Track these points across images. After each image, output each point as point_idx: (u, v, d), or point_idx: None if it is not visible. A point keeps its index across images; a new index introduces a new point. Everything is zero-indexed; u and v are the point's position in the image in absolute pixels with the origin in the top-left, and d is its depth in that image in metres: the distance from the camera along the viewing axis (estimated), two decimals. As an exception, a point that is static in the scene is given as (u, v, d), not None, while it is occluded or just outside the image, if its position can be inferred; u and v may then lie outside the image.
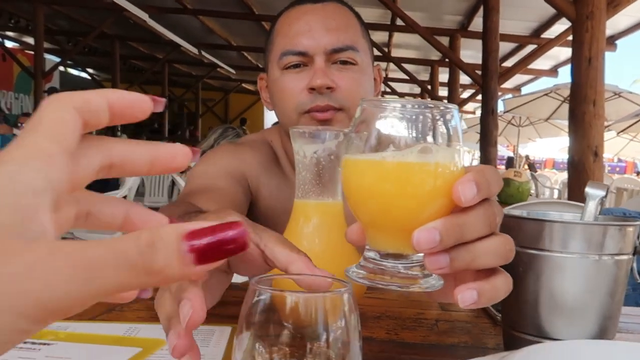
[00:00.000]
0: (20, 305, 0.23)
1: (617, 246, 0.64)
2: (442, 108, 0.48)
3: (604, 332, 0.65)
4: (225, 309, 0.84)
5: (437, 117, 0.48)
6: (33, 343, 0.64)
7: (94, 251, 0.24)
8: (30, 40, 12.65)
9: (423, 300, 0.96)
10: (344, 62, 1.05)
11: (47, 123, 0.27)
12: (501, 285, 0.49)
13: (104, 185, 5.13)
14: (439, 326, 0.82)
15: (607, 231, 0.64)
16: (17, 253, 0.23)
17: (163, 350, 0.64)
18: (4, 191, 0.24)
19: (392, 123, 0.48)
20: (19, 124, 6.02)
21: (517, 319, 0.68)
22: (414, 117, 0.48)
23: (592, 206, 0.72)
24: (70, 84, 17.33)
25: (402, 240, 0.49)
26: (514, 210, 0.78)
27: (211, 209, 0.85)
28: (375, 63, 1.18)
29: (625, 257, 0.65)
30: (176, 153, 0.33)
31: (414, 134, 0.47)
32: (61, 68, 15.07)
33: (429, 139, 0.48)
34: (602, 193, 0.72)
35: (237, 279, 2.44)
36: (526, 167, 13.92)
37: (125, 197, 4.54)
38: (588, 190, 0.73)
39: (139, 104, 0.31)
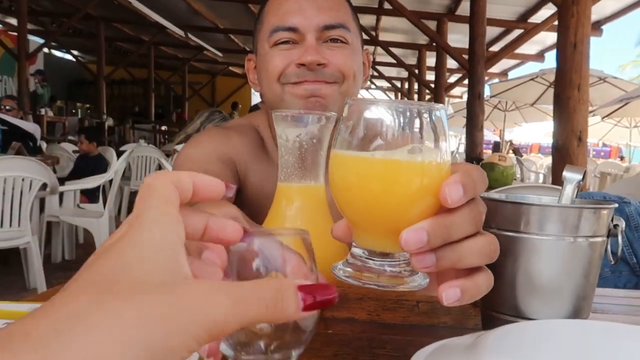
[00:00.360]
0: (194, 330, 0.29)
1: (592, 229, 0.66)
2: (430, 107, 0.49)
3: (578, 311, 0.67)
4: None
5: (425, 117, 0.48)
6: (18, 324, 0.64)
7: (243, 291, 0.32)
8: (13, 21, 12.48)
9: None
10: (335, 40, 1.04)
11: (160, 192, 0.34)
12: (483, 282, 0.51)
13: (94, 169, 5.11)
14: (419, 307, 0.84)
15: (582, 214, 0.66)
16: (184, 289, 0.30)
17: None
18: (160, 246, 0.31)
19: (380, 121, 0.49)
20: (2, 107, 5.93)
21: (495, 299, 0.70)
22: (402, 116, 0.48)
23: (569, 189, 0.74)
24: (55, 66, 17.13)
25: (389, 239, 0.50)
26: (493, 193, 0.79)
27: None
28: (365, 47, 1.17)
29: (599, 239, 0.67)
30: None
31: (402, 133, 0.48)
32: (45, 50, 14.88)
33: (417, 138, 0.48)
34: (579, 177, 0.74)
35: None
36: (511, 151, 14.00)
37: (111, 180, 4.52)
38: (566, 173, 0.75)
39: (215, 186, 0.40)
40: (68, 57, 18.79)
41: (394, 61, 12.64)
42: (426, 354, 0.57)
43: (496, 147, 13.42)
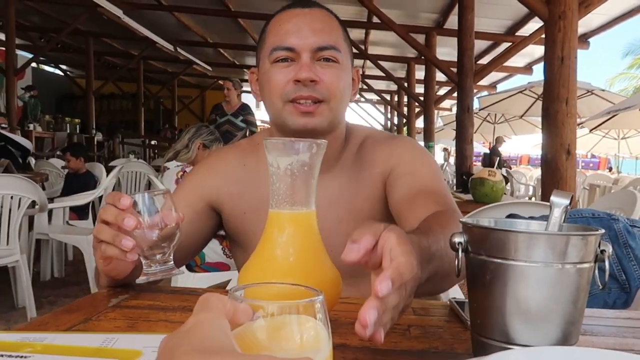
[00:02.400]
0: None
1: (579, 255, 0.67)
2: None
3: (567, 337, 0.68)
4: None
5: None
6: (10, 356, 0.64)
7: None
8: (1, 36, 12.43)
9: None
10: (327, 60, 1.16)
11: (213, 304, 0.43)
12: (405, 270, 0.65)
13: (84, 185, 5.09)
14: (411, 332, 0.84)
15: (569, 241, 0.67)
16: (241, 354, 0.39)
17: (139, 361, 0.65)
18: (222, 331, 0.41)
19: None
20: (-5, 124, 5.90)
21: (485, 325, 0.70)
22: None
23: (557, 214, 0.75)
24: (43, 81, 17.07)
25: None
26: (483, 219, 0.80)
27: None
28: (355, 65, 1.29)
29: (587, 265, 0.68)
30: None
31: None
32: (34, 64, 14.83)
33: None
34: (566, 202, 0.75)
35: (201, 283, 2.46)
36: (496, 165, 14.07)
37: (101, 197, 4.51)
38: (553, 198, 0.76)
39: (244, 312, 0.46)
40: (57, 72, 18.74)
41: (383, 74, 12.70)
42: (418, 384, 0.57)
43: (487, 159, 13.48)
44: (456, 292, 1.38)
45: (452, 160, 16.08)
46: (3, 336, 0.73)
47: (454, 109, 12.79)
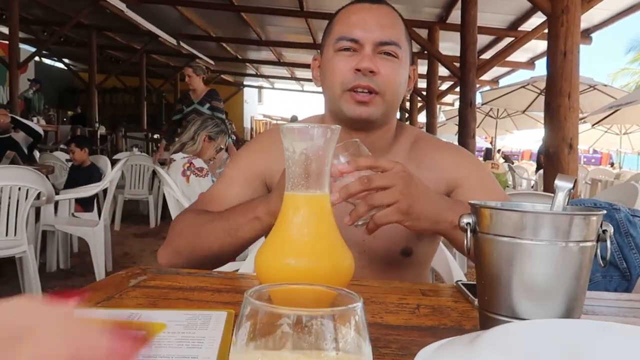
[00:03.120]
0: None
1: (582, 234, 0.70)
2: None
3: (570, 312, 0.71)
4: (220, 296, 0.89)
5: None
6: (42, 327, 0.68)
7: None
8: (4, 29, 12.46)
9: (404, 287, 1.02)
10: (388, 54, 1.23)
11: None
12: (363, 160, 0.98)
13: (89, 178, 5.13)
14: (420, 310, 0.88)
15: (573, 220, 0.70)
16: None
17: (165, 333, 0.68)
18: None
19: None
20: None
21: (492, 301, 0.74)
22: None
23: (560, 197, 0.79)
24: (46, 74, 17.09)
25: None
26: (490, 202, 0.84)
27: None
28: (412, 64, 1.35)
29: (589, 243, 0.71)
30: None
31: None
32: (36, 58, 14.85)
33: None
34: (570, 185, 0.78)
35: (227, 267, 2.48)
36: (502, 159, 14.08)
37: (106, 189, 4.55)
38: (557, 182, 0.79)
39: None
40: (59, 65, 18.76)
41: (385, 69, 12.68)
42: (429, 352, 0.61)
43: (488, 154, 13.52)
44: (461, 276, 1.42)
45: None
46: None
47: (456, 104, 12.81)
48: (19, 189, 3.43)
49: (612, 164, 21.59)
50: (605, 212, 0.73)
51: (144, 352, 0.36)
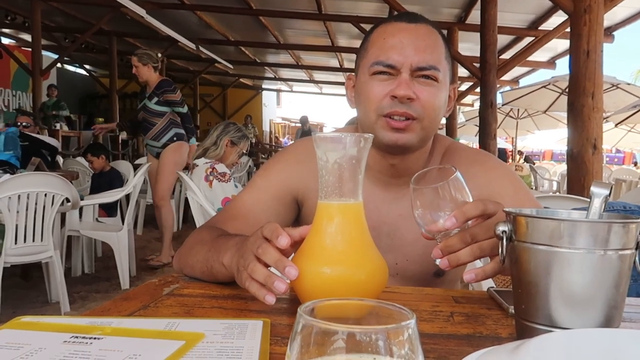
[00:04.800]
0: None
1: (621, 242, 0.70)
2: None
3: (609, 321, 0.71)
4: (255, 304, 0.89)
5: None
6: (84, 337, 0.69)
7: None
8: (27, 37, 12.65)
9: (437, 294, 1.02)
10: (427, 77, 1.16)
11: None
12: (469, 208, 0.90)
13: (110, 183, 5.19)
14: (454, 318, 0.87)
15: (611, 228, 0.69)
16: None
17: (204, 343, 0.69)
18: None
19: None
20: (18, 123, 5.97)
21: (529, 310, 0.74)
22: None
23: (597, 204, 0.78)
24: (68, 80, 17.30)
25: None
26: (524, 209, 0.83)
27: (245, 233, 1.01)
28: (452, 83, 1.29)
29: (628, 251, 0.71)
30: None
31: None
32: (58, 65, 15.05)
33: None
34: (606, 192, 0.78)
35: None
36: (523, 160, 13.96)
37: (129, 195, 4.59)
38: (593, 189, 0.79)
39: None
40: (81, 71, 18.97)
41: (404, 70, 12.64)
42: (470, 362, 0.60)
43: (501, 155, 13.41)
44: (489, 282, 1.41)
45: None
46: (72, 320, 0.78)
47: (476, 105, 12.72)
48: (45, 195, 3.48)
49: (635, 164, 21.30)
50: (645, 219, 0.72)
51: None
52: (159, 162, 5.27)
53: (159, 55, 5.65)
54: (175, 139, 5.28)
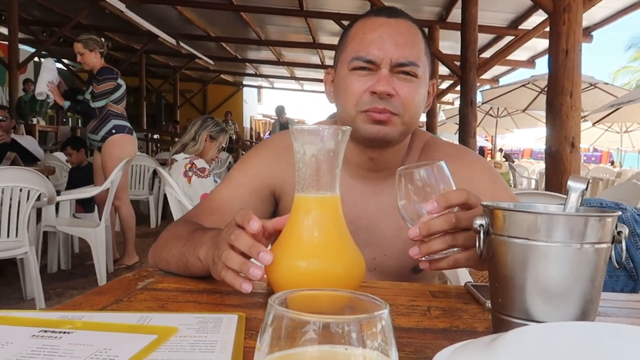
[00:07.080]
0: None
1: (597, 235, 0.70)
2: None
3: (585, 314, 0.71)
4: (230, 298, 0.88)
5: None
6: (53, 332, 0.67)
7: None
8: (4, 30, 12.44)
9: (414, 289, 1.01)
10: (406, 73, 1.16)
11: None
12: (452, 195, 0.91)
13: (87, 177, 5.13)
14: (431, 312, 0.87)
15: (588, 222, 0.69)
16: None
17: (177, 337, 0.67)
18: None
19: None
20: (-5, 118, 5.85)
21: (506, 303, 0.73)
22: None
23: (574, 198, 0.78)
24: (46, 75, 17.04)
25: None
26: (502, 202, 0.83)
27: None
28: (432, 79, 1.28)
29: (604, 245, 0.71)
30: None
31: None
32: (36, 59, 14.83)
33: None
34: (583, 186, 0.78)
35: None
36: (503, 158, 14.09)
37: (108, 189, 4.54)
38: (570, 183, 0.79)
39: None
40: (59, 65, 18.72)
41: (385, 68, 12.66)
42: (445, 356, 0.60)
43: (481, 153, 13.51)
44: (467, 277, 1.41)
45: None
46: (43, 314, 0.76)
47: (456, 103, 12.79)
48: (20, 190, 3.43)
49: (612, 162, 21.60)
50: (620, 213, 0.72)
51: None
52: (101, 158, 4.85)
53: (103, 40, 5.21)
54: (114, 131, 4.85)
